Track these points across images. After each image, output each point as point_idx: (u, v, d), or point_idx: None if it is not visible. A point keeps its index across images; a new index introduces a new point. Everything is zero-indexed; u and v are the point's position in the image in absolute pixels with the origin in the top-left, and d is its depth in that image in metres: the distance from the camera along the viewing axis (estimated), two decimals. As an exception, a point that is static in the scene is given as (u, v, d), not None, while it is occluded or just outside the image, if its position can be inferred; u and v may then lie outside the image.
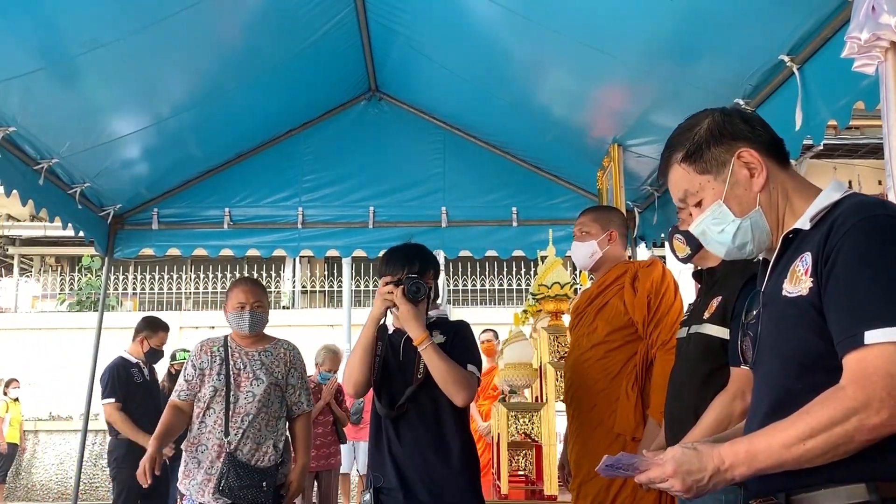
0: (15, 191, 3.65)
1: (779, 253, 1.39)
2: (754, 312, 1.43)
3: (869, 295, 1.19)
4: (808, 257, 1.29)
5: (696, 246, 2.35)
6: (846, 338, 1.20)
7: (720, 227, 1.43)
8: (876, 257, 1.21)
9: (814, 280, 1.27)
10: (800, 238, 1.35)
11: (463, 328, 2.61)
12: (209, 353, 3.30)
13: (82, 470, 5.19)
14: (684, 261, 2.47)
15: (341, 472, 7.06)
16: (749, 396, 1.52)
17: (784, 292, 1.32)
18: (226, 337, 3.35)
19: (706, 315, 2.27)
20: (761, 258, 1.51)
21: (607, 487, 2.81)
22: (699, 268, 2.45)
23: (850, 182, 11.19)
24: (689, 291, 2.92)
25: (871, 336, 1.16)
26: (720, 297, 2.24)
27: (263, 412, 3.18)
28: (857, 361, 1.18)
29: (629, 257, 4.12)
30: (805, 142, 2.74)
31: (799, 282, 1.29)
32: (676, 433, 2.20)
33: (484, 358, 4.68)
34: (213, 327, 11.67)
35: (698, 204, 1.46)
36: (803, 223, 1.35)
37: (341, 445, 6.36)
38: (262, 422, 3.18)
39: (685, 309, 2.59)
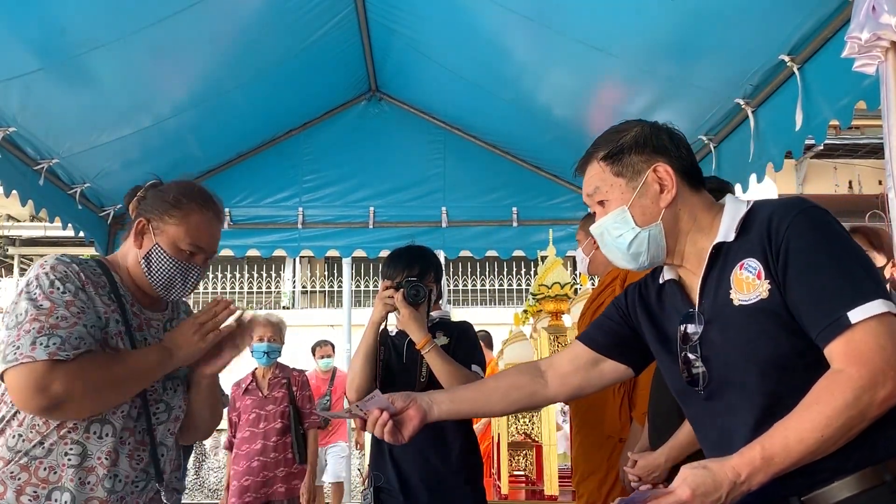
0: (15, 191, 3.65)
1: (707, 269, 1.40)
2: (696, 331, 1.41)
3: (836, 280, 1.23)
4: (753, 262, 1.31)
5: None
6: (827, 325, 1.22)
7: (619, 232, 1.46)
8: (827, 245, 1.26)
9: (771, 281, 1.29)
10: (724, 251, 1.37)
11: (466, 329, 2.62)
12: (91, 288, 1.71)
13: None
14: None
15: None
16: None
17: (737, 302, 1.33)
18: (104, 264, 1.84)
19: None
20: (669, 279, 1.51)
21: (599, 487, 2.82)
22: None
23: (850, 182, 11.20)
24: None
25: (853, 315, 1.20)
26: None
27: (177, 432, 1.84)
28: (846, 343, 1.20)
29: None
30: (807, 141, 2.74)
31: (753, 287, 1.31)
32: (661, 433, 2.20)
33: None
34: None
35: (601, 203, 1.49)
36: (726, 235, 1.37)
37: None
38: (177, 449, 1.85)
39: None
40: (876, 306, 1.20)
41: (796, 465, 1.22)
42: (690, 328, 1.42)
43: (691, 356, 1.42)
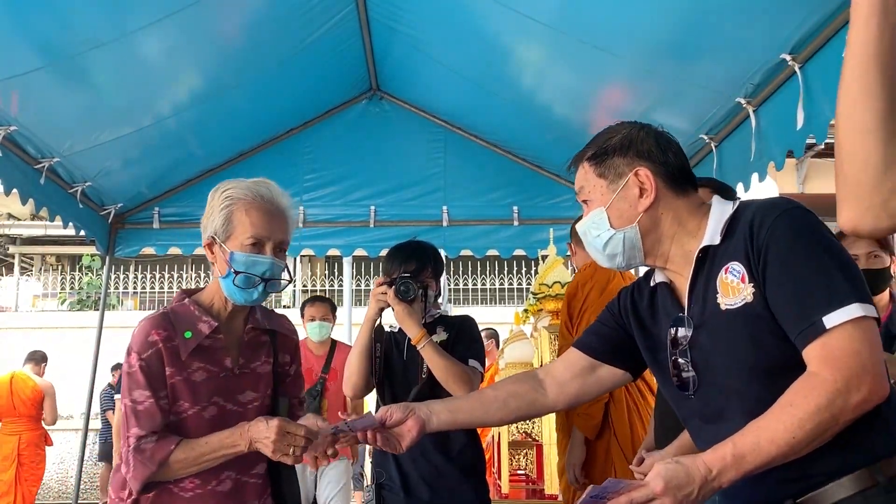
0: (15, 190, 3.65)
1: (694, 273, 1.40)
2: (685, 335, 1.41)
3: (813, 283, 1.23)
4: (737, 266, 1.31)
5: None
6: (805, 328, 1.22)
7: (597, 233, 1.48)
8: (805, 247, 1.26)
9: (754, 284, 1.29)
10: (711, 254, 1.38)
11: (466, 323, 2.61)
12: None
13: (83, 469, 5.19)
14: None
15: None
16: None
17: (724, 306, 1.33)
18: None
19: None
20: (660, 282, 1.51)
21: (568, 486, 2.92)
22: None
23: (851, 181, 11.17)
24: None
25: (829, 320, 1.20)
26: None
27: None
28: (821, 347, 1.20)
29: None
30: (808, 141, 2.74)
31: (738, 291, 1.31)
32: (668, 433, 2.20)
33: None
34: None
35: (586, 202, 1.52)
36: (712, 239, 1.37)
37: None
38: None
39: None
40: (852, 310, 1.19)
41: (768, 465, 1.22)
42: (680, 332, 1.42)
43: (681, 361, 1.42)
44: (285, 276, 1.84)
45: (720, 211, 1.40)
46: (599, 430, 2.87)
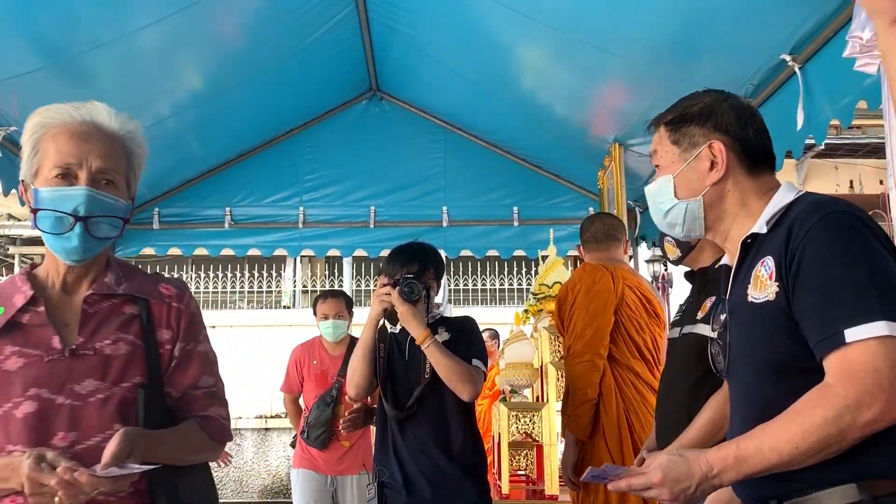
0: (14, 190, 3.65)
1: (739, 258, 1.39)
2: (722, 319, 1.42)
3: (841, 293, 1.19)
4: (769, 261, 1.29)
5: (686, 248, 2.36)
6: (825, 338, 1.19)
7: (661, 199, 1.47)
8: (840, 255, 1.21)
9: (779, 284, 1.26)
10: (758, 242, 1.35)
11: (468, 324, 2.63)
12: None
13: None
14: (675, 263, 2.50)
15: None
16: None
17: (750, 298, 1.32)
18: None
19: (699, 315, 2.26)
20: (723, 263, 1.50)
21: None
22: (692, 269, 2.45)
23: (850, 182, 11.18)
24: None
25: (851, 334, 1.16)
26: (713, 297, 2.24)
27: None
28: (840, 359, 1.17)
29: (630, 257, 4.16)
30: (807, 141, 2.73)
31: (764, 287, 1.29)
32: (670, 433, 2.20)
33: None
34: (213, 326, 11.66)
35: (657, 167, 1.51)
36: (760, 227, 1.35)
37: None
38: None
39: (676, 310, 2.59)
40: (877, 328, 1.14)
41: (769, 471, 1.21)
42: (720, 315, 1.44)
43: (718, 344, 1.43)
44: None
45: (780, 200, 1.36)
46: (591, 430, 2.88)
